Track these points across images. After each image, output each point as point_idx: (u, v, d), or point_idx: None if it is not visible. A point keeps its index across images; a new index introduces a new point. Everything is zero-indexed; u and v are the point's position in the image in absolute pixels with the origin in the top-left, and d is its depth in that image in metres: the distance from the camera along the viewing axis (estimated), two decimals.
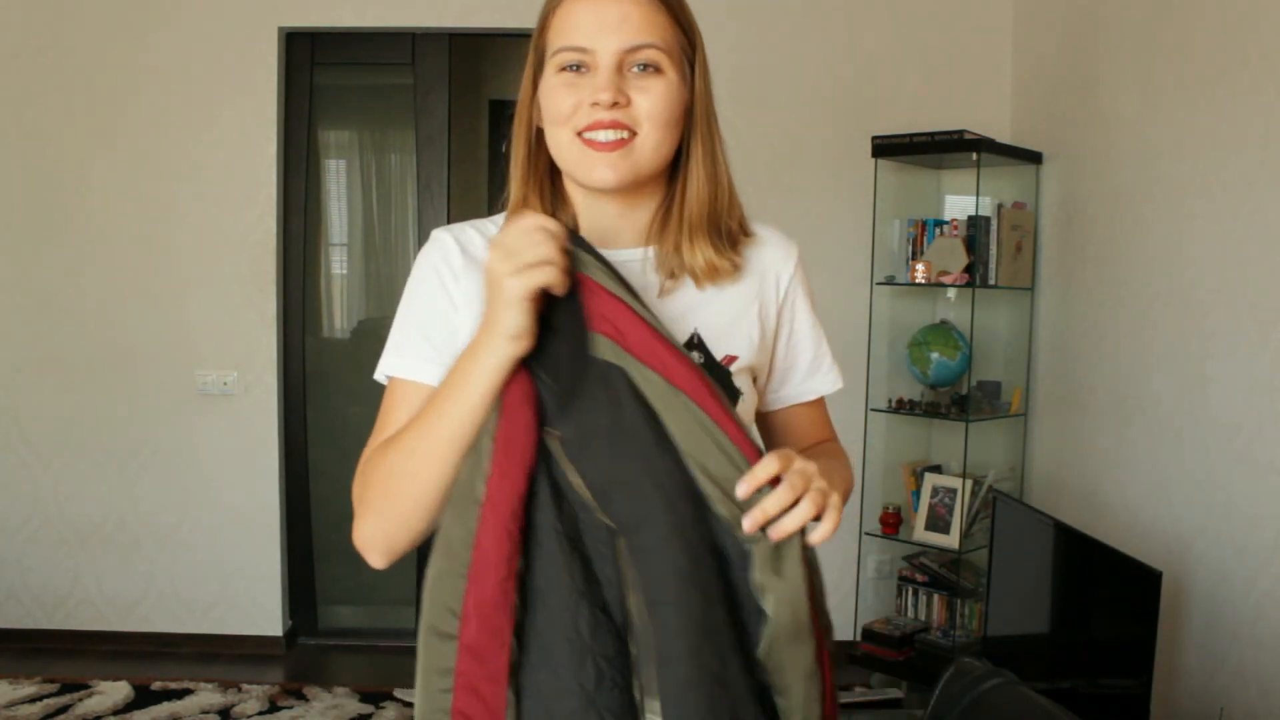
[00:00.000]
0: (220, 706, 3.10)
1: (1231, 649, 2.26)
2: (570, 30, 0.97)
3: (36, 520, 3.52)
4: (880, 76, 3.48)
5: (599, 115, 0.96)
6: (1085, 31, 3.03)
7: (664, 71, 0.98)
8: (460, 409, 0.89)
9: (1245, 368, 2.26)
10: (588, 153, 0.97)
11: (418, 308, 1.03)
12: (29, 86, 3.40)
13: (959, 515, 3.20)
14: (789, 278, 1.10)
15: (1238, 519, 2.27)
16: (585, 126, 0.97)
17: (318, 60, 3.56)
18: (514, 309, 0.86)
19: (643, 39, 0.96)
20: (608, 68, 0.96)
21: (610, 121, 0.96)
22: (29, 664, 3.38)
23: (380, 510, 0.95)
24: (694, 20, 1.02)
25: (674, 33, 0.99)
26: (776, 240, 1.11)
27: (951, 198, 3.55)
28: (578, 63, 0.97)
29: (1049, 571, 2.52)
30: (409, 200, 3.74)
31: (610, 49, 0.96)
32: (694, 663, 0.84)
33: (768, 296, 1.08)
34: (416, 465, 0.92)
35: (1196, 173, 2.45)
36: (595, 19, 0.96)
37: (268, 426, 3.50)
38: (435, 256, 1.04)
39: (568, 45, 0.97)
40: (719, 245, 1.03)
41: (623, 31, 0.95)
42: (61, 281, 3.45)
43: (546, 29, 1.00)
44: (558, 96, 0.98)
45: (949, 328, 3.34)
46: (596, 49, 0.96)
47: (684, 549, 0.85)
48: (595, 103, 0.95)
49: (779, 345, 1.10)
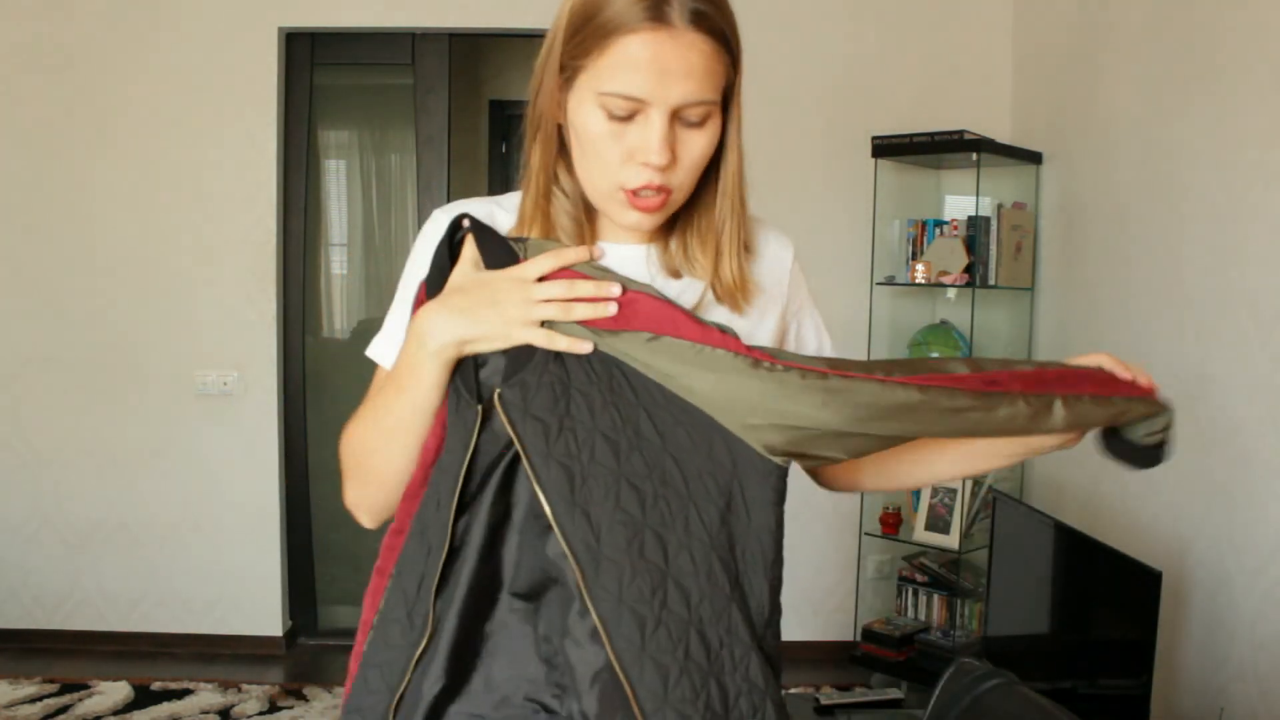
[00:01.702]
0: (220, 707, 3.10)
1: (1231, 649, 2.26)
2: (628, 74, 0.86)
3: (36, 520, 3.52)
4: (880, 76, 3.48)
5: (649, 177, 0.89)
6: (1085, 31, 3.03)
7: (712, 117, 0.91)
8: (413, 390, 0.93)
9: (1245, 368, 2.26)
10: (626, 204, 0.92)
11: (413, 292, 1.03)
12: (29, 87, 3.40)
13: (959, 515, 3.20)
14: (789, 278, 1.08)
15: (1238, 519, 2.27)
16: (633, 188, 0.90)
17: (318, 60, 3.57)
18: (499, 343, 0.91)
19: (701, 96, 0.87)
20: (662, 125, 0.87)
21: (658, 185, 0.90)
22: (29, 664, 3.38)
23: (358, 477, 1.00)
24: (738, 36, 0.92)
25: (726, 74, 0.90)
26: (775, 238, 1.09)
27: (951, 198, 3.55)
28: (626, 113, 0.88)
29: (1049, 572, 2.52)
30: (409, 200, 3.74)
31: (669, 104, 0.87)
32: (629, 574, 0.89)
33: (775, 294, 1.07)
34: (377, 441, 0.97)
35: (1197, 172, 2.45)
36: (657, 65, 0.85)
37: (268, 426, 3.50)
38: (434, 235, 1.01)
39: (622, 93, 0.86)
40: (744, 267, 1.01)
41: (685, 85, 0.86)
42: (61, 281, 3.45)
43: (592, 51, 0.88)
44: (604, 145, 0.90)
45: (949, 328, 3.34)
46: (653, 102, 0.86)
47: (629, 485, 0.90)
48: (646, 163, 0.89)
49: (787, 342, 1.09)
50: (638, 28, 0.85)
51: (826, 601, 3.57)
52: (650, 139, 0.87)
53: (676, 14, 0.85)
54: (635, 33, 0.85)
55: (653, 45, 0.85)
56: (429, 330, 0.91)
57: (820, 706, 2.66)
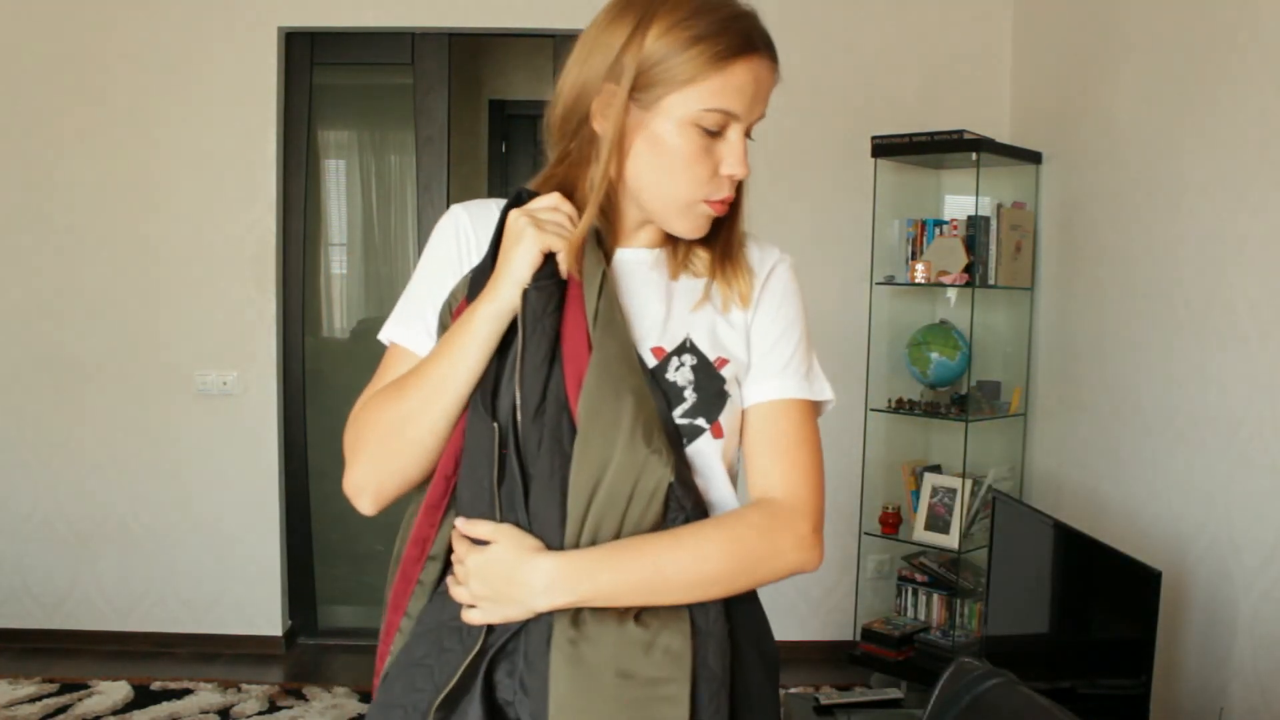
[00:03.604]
0: (220, 706, 3.10)
1: (1231, 649, 2.26)
2: (732, 95, 0.96)
3: (36, 520, 3.52)
4: (880, 76, 3.48)
5: (730, 189, 1.00)
6: (1085, 31, 3.03)
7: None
8: (459, 352, 0.95)
9: (1245, 367, 2.26)
10: (706, 214, 1.01)
11: (429, 279, 1.06)
12: (28, 87, 3.40)
13: (959, 515, 3.20)
14: (765, 277, 1.09)
15: (1238, 519, 2.27)
16: (719, 199, 1.00)
17: (318, 60, 3.57)
18: (526, 259, 0.94)
19: (765, 108, 1.01)
20: (741, 139, 0.99)
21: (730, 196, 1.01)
22: (29, 664, 3.38)
23: (374, 455, 0.99)
24: None
25: None
26: (762, 247, 1.11)
27: (951, 198, 3.55)
28: (719, 129, 0.98)
29: (1049, 571, 2.52)
30: (409, 200, 3.74)
31: (752, 118, 0.99)
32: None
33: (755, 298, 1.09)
34: (410, 408, 0.97)
35: (1196, 172, 2.45)
36: (756, 88, 0.98)
37: (268, 426, 3.50)
38: (451, 230, 1.07)
39: (725, 109, 0.97)
40: (745, 269, 1.07)
41: (763, 104, 1.00)
42: (61, 281, 3.45)
43: (695, 77, 0.96)
44: (697, 162, 0.98)
45: (949, 328, 3.34)
46: (743, 117, 0.98)
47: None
48: (731, 175, 0.99)
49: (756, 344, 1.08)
50: (744, 55, 0.97)
51: (826, 601, 3.57)
52: (738, 153, 0.98)
53: (761, 42, 0.98)
54: (742, 59, 0.97)
55: (755, 69, 0.97)
56: (517, 245, 0.95)
57: (820, 706, 2.66)
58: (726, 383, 1.03)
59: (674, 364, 1.01)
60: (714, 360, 1.03)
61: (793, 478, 1.02)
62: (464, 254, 1.05)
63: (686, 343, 1.02)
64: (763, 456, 1.04)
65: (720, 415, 1.01)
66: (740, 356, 1.05)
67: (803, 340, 1.08)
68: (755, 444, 1.05)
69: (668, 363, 1.01)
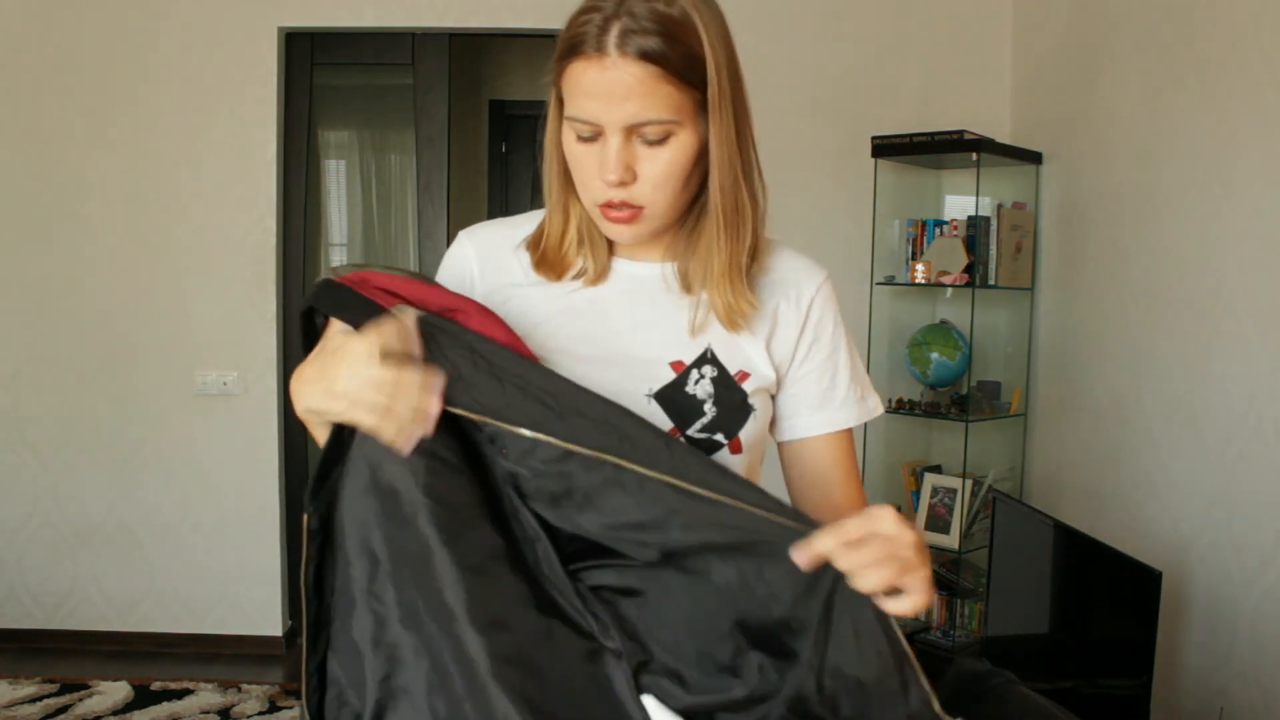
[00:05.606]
0: (220, 707, 3.10)
1: (1232, 649, 2.26)
2: (580, 99, 0.92)
3: (36, 520, 3.51)
4: (880, 76, 3.48)
5: (610, 194, 0.95)
6: (1085, 31, 3.03)
7: (674, 135, 0.94)
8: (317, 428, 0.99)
9: (1245, 367, 2.26)
10: (604, 219, 0.98)
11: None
12: (29, 86, 3.40)
13: (959, 515, 3.20)
14: (809, 302, 1.08)
15: (1238, 519, 2.27)
16: (601, 203, 0.97)
17: (318, 60, 3.56)
18: (324, 429, 0.96)
19: (646, 115, 0.91)
20: (615, 145, 0.92)
21: (620, 201, 0.95)
22: (29, 664, 3.38)
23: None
24: (707, 55, 0.93)
25: (681, 93, 0.92)
26: (799, 265, 1.09)
27: (951, 198, 3.55)
28: (590, 134, 0.94)
29: (1049, 571, 2.52)
30: (409, 200, 3.75)
31: (616, 124, 0.92)
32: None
33: (786, 318, 1.06)
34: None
35: (1196, 173, 2.45)
36: (602, 90, 0.91)
37: (268, 426, 3.50)
38: (458, 263, 1.07)
39: (578, 117, 0.94)
40: (739, 287, 1.02)
41: (627, 106, 0.90)
42: (61, 281, 3.45)
43: (560, 78, 0.95)
44: (579, 165, 0.97)
45: (949, 328, 3.34)
46: (604, 124, 0.92)
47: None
48: (604, 180, 0.95)
49: (791, 370, 1.07)
50: (577, 57, 0.91)
51: None
52: (606, 157, 0.93)
53: (611, 42, 0.89)
54: (576, 61, 0.91)
55: (592, 71, 0.90)
56: (294, 394, 0.95)
57: None
58: (749, 396, 1.02)
59: (694, 376, 1.01)
60: (735, 374, 1.02)
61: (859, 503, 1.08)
62: (467, 290, 1.05)
63: (708, 353, 1.02)
64: (836, 486, 1.08)
65: (741, 430, 1.01)
66: (764, 372, 1.04)
67: (851, 360, 1.11)
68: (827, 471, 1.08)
69: (687, 375, 1.01)
